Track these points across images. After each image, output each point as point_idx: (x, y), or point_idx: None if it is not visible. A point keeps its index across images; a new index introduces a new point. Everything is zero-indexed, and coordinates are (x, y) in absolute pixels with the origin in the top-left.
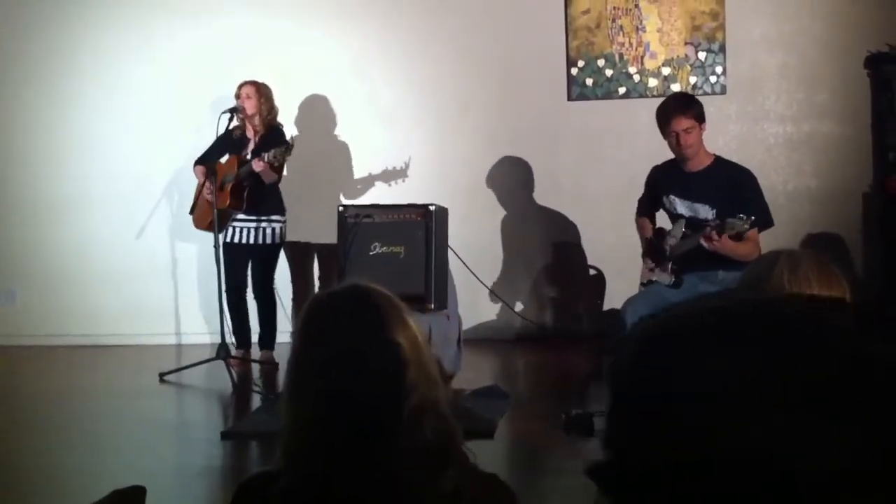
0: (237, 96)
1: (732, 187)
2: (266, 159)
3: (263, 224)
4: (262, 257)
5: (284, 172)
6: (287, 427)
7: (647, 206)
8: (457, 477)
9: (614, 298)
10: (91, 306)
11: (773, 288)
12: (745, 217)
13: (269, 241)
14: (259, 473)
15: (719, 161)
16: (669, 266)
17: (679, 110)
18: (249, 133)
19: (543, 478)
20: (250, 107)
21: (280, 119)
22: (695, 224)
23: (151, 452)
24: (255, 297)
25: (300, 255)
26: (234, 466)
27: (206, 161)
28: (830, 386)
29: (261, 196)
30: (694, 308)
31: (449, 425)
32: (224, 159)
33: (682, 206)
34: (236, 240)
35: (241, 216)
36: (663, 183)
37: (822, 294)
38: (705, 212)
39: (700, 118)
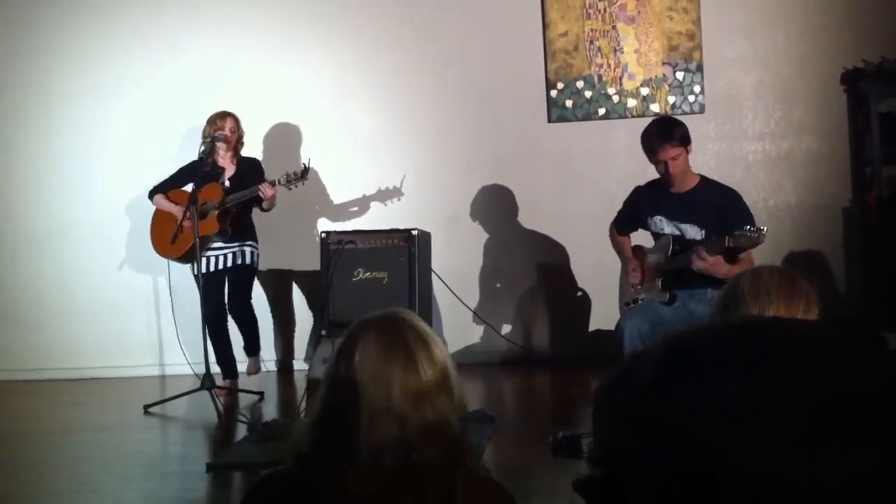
0: (219, 127)
1: (721, 208)
2: (279, 183)
3: (244, 248)
4: (239, 278)
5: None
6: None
7: (628, 225)
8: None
9: (598, 319)
10: (73, 339)
11: (737, 300)
12: (751, 228)
13: (247, 262)
14: (271, 473)
15: (705, 181)
16: (659, 283)
17: (665, 139)
18: (223, 162)
19: (531, 501)
20: (233, 139)
21: (257, 148)
22: (683, 243)
23: (136, 486)
24: (235, 317)
25: (280, 282)
26: (219, 498)
27: (167, 190)
28: (846, 413)
29: (241, 223)
30: (714, 327)
31: (462, 446)
32: (189, 187)
33: (669, 227)
34: (212, 268)
35: (217, 244)
36: (649, 204)
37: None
38: (693, 232)
39: (685, 141)
